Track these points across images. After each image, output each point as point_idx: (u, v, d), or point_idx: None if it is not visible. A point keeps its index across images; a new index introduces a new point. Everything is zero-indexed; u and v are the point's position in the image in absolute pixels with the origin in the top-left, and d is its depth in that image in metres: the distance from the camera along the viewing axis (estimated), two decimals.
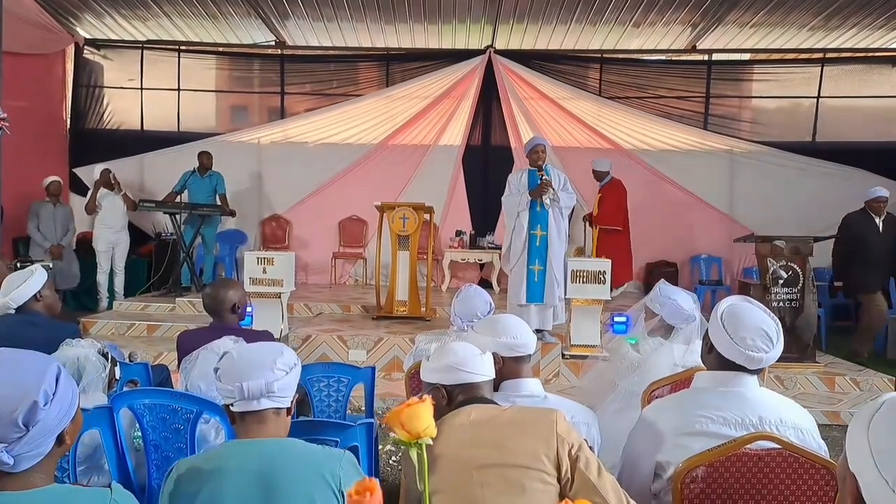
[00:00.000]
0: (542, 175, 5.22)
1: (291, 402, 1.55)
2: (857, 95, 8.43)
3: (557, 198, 5.24)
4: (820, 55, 8.32)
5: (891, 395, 0.94)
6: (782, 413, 1.76)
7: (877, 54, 8.25)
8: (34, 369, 1.22)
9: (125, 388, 2.52)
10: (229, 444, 1.52)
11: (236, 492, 1.39)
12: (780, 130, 8.46)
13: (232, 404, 1.48)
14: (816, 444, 1.76)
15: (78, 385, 1.99)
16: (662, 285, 2.90)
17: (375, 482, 0.66)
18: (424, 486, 0.95)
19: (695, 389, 1.86)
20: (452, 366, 1.66)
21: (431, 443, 0.95)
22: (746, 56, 8.78)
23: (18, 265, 4.93)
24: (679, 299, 2.78)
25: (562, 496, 1.45)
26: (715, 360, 1.83)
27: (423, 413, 0.94)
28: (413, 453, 0.93)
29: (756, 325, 1.79)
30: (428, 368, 1.72)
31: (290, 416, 1.56)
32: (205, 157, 7.57)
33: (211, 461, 1.45)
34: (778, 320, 1.86)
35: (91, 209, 7.25)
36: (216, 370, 1.53)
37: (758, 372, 1.82)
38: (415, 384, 2.76)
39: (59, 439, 1.27)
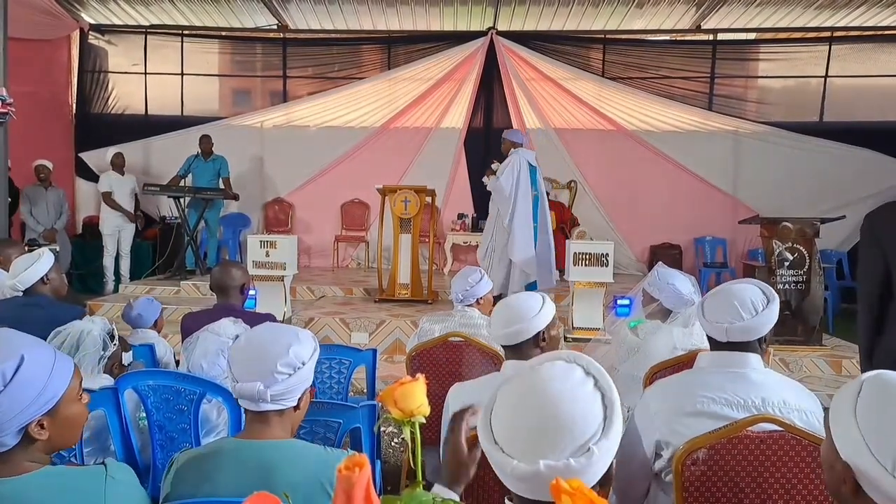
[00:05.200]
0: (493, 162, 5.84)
1: (300, 399, 1.46)
2: (866, 75, 8.32)
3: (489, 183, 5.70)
4: (828, 34, 8.21)
5: (868, 374, 0.93)
6: (786, 395, 1.75)
7: (886, 32, 8.13)
8: (19, 352, 1.19)
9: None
10: (230, 444, 1.45)
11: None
12: (787, 111, 8.38)
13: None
14: (820, 427, 1.75)
15: (73, 357, 1.99)
16: (660, 269, 2.85)
17: (365, 458, 0.66)
18: (417, 464, 0.95)
19: (697, 369, 1.86)
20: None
21: (424, 421, 0.95)
22: (752, 35, 8.67)
23: (27, 249, 4.95)
24: (677, 283, 2.73)
25: None
26: (710, 343, 1.86)
27: (416, 391, 0.94)
28: (406, 431, 0.94)
29: (727, 302, 1.80)
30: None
31: (298, 410, 1.48)
32: (205, 141, 7.56)
33: (209, 461, 1.41)
34: (765, 291, 1.84)
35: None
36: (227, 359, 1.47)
37: (759, 351, 1.82)
38: (416, 366, 2.78)
39: (26, 433, 1.21)
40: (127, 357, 2.49)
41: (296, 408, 1.47)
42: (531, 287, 5.43)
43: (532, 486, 0.88)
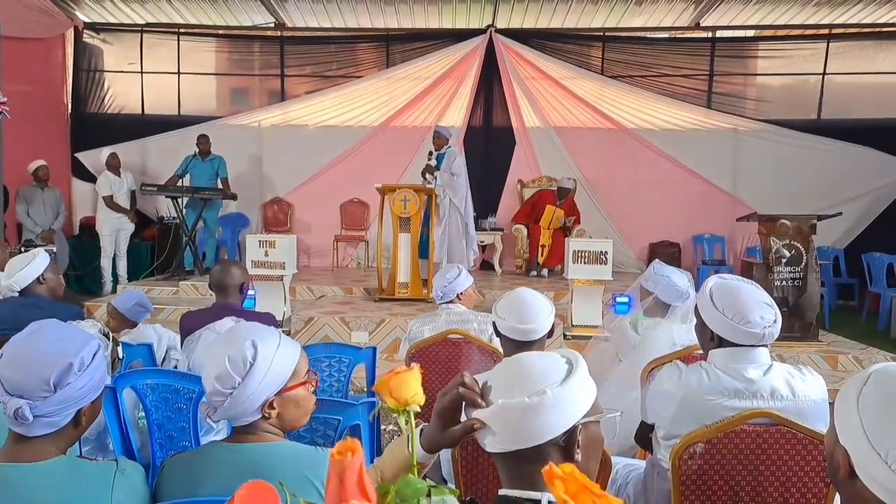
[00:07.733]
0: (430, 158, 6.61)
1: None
2: (864, 72, 8.34)
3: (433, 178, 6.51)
4: (826, 31, 8.22)
5: (878, 366, 0.94)
6: (794, 384, 1.76)
7: (884, 30, 8.13)
8: (77, 339, 1.33)
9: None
10: (217, 448, 1.44)
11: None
12: (785, 108, 8.39)
13: None
14: (826, 414, 1.77)
15: None
16: (656, 265, 2.93)
17: (357, 442, 0.67)
18: (412, 453, 0.96)
19: (710, 362, 1.83)
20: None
21: (419, 410, 0.96)
22: (751, 33, 8.68)
23: (23, 249, 4.95)
24: (673, 277, 2.80)
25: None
26: (720, 345, 1.80)
27: (410, 381, 0.95)
28: (401, 420, 0.95)
29: (757, 301, 1.77)
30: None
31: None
32: (203, 141, 7.55)
33: (197, 466, 1.41)
34: (759, 286, 1.85)
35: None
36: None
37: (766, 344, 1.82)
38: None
39: (77, 418, 1.30)
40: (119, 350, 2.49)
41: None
42: None
43: (497, 427, 0.98)
